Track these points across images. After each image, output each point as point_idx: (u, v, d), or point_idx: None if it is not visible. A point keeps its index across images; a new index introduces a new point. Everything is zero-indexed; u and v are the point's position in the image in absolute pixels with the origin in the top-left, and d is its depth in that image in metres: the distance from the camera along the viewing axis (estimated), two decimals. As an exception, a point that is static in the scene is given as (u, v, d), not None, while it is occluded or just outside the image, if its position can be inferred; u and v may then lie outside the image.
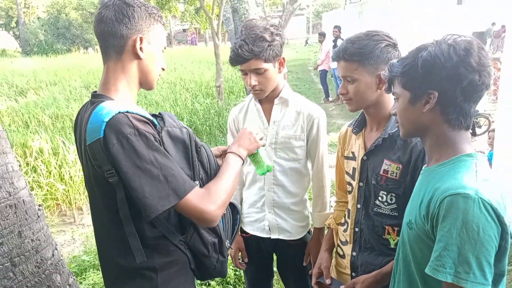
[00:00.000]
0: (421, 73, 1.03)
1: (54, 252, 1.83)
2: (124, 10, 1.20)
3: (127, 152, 1.09)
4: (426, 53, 1.02)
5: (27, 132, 6.47)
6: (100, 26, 1.22)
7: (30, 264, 1.66)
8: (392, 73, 1.11)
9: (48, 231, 1.85)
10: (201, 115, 7.93)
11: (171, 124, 1.26)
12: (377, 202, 1.49)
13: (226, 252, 1.38)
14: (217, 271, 1.38)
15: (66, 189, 5.03)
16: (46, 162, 5.27)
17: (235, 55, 1.67)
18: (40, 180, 5.01)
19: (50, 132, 6.30)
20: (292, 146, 1.83)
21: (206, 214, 1.16)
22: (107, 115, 1.11)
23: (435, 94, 1.02)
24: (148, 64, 1.27)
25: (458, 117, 1.04)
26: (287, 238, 1.93)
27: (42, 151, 5.42)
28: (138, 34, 1.22)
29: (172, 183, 1.12)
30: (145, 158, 1.10)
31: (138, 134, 1.11)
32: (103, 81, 1.26)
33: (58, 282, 1.77)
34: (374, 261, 1.51)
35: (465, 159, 1.04)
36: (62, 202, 5.05)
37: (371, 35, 1.41)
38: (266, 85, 1.74)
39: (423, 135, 1.13)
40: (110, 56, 1.24)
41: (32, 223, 1.72)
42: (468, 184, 0.95)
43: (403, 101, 1.10)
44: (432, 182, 1.06)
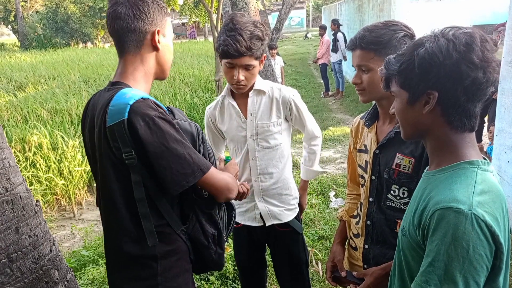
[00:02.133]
0: (418, 72, 0.94)
1: (52, 247, 1.82)
2: (140, 6, 1.27)
3: (154, 133, 1.17)
4: (423, 50, 0.93)
5: (26, 127, 6.44)
6: (118, 22, 1.27)
7: (27, 260, 1.65)
8: (388, 71, 1.02)
9: (45, 226, 1.84)
10: (200, 109, 7.91)
11: (181, 118, 1.34)
12: (389, 196, 1.48)
13: (224, 245, 1.42)
14: (214, 263, 1.43)
15: (65, 184, 5.03)
16: (45, 157, 5.26)
17: (231, 49, 1.68)
18: (39, 175, 5.01)
19: (49, 126, 6.27)
20: (271, 133, 1.90)
21: (229, 184, 1.33)
22: (131, 98, 1.18)
23: (435, 94, 0.94)
24: (165, 55, 1.36)
25: (461, 118, 0.96)
26: (277, 222, 1.98)
27: (41, 146, 5.41)
28: (155, 28, 1.30)
29: (196, 160, 1.23)
30: (171, 138, 1.19)
31: (162, 117, 1.19)
32: (121, 71, 1.32)
33: (56, 278, 1.76)
34: (386, 254, 1.51)
35: (465, 167, 0.96)
36: (62, 197, 5.04)
37: (389, 24, 1.40)
38: (251, 81, 1.82)
39: (424, 137, 1.05)
40: (128, 50, 1.30)
41: (29, 219, 1.71)
42: (463, 198, 0.88)
43: (401, 101, 1.02)
44: (428, 189, 0.99)
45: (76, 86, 10.74)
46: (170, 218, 1.29)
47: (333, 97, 10.01)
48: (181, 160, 1.20)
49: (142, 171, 1.22)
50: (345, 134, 6.80)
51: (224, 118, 1.96)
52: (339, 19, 10.39)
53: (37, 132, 5.73)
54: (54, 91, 9.81)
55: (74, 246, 4.04)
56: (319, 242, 3.46)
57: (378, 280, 1.46)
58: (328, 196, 4.47)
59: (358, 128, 1.66)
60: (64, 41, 27.36)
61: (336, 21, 10.02)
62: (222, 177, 1.32)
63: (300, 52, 20.27)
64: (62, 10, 27.20)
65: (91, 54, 18.69)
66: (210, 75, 11.29)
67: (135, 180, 1.22)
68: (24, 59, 17.71)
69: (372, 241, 1.57)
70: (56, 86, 10.85)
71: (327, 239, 3.50)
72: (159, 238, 1.27)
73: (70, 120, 7.24)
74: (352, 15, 11.88)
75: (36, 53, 21.03)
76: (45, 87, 11.01)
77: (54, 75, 13.03)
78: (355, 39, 1.42)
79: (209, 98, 8.71)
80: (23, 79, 12.39)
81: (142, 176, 1.22)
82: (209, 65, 13.41)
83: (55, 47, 24.65)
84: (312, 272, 3.05)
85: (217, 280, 2.83)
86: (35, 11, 31.20)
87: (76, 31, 27.66)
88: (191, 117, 7.50)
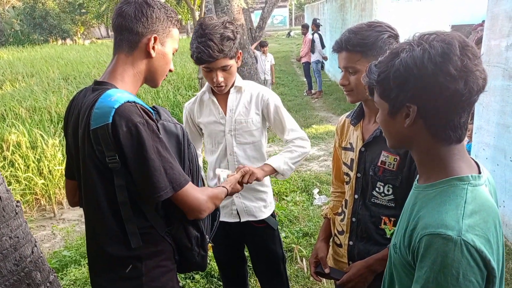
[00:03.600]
0: (394, 85, 0.89)
1: (34, 249, 1.78)
2: (144, 9, 1.27)
3: (134, 140, 1.15)
4: (398, 61, 0.88)
5: (3, 125, 6.26)
6: (119, 19, 1.27)
7: (8, 262, 1.61)
8: (369, 79, 0.97)
9: (27, 227, 1.79)
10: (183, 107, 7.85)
11: (166, 119, 1.32)
12: (374, 193, 1.51)
13: (206, 247, 1.44)
14: (197, 264, 1.44)
15: (45, 183, 4.92)
16: (24, 156, 5.13)
17: (204, 55, 1.71)
18: (18, 174, 4.88)
19: (27, 125, 6.11)
20: (249, 129, 1.93)
21: (199, 204, 1.28)
22: (116, 102, 1.16)
23: (414, 108, 0.88)
24: (158, 64, 1.33)
25: (446, 131, 0.89)
26: (254, 219, 2.01)
27: (20, 144, 5.27)
28: (153, 34, 1.28)
29: (170, 176, 1.19)
30: (150, 149, 1.16)
31: (146, 125, 1.17)
32: (111, 70, 1.30)
33: (38, 280, 1.73)
34: (370, 250, 1.53)
35: (455, 184, 0.89)
36: (41, 196, 4.93)
37: (374, 26, 1.42)
38: (230, 80, 1.85)
39: (410, 148, 0.99)
40: (123, 49, 1.29)
41: (9, 220, 1.67)
42: (451, 222, 0.82)
43: (383, 112, 0.98)
44: (418, 206, 0.95)
45: (55, 83, 10.50)
46: (155, 221, 1.29)
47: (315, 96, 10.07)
48: (156, 173, 1.17)
49: (125, 175, 1.20)
50: (328, 132, 6.86)
51: (203, 114, 1.99)
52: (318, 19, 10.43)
53: (15, 131, 5.58)
54: (33, 88, 9.57)
55: (55, 246, 3.96)
56: (303, 239, 3.49)
57: (360, 272, 1.49)
58: (312, 194, 4.51)
59: (344, 127, 1.69)
60: (42, 37, 26.74)
61: (315, 21, 10.08)
62: (196, 196, 1.27)
63: (283, 51, 20.32)
64: (40, 5, 26.58)
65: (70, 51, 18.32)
66: (193, 73, 11.22)
67: (118, 184, 1.21)
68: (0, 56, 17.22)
69: (356, 238, 1.59)
70: (35, 84, 10.59)
71: (311, 236, 3.53)
72: (144, 240, 1.27)
73: (50, 118, 7.07)
74: (334, 14, 11.98)
75: (13, 50, 20.50)
76: (23, 85, 10.73)
77: (32, 72, 12.72)
78: (340, 42, 1.42)
79: (192, 96, 8.65)
80: (0, 76, 12.05)
81: (125, 180, 1.21)
82: (191, 63, 13.30)
83: (33, 44, 24.08)
84: (296, 268, 3.08)
85: (202, 279, 2.83)
86: (11, 6, 30.34)
87: (55, 28, 27.07)
88: (174, 115, 7.42)
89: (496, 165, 3.40)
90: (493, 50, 3.33)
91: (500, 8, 3.22)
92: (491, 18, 3.35)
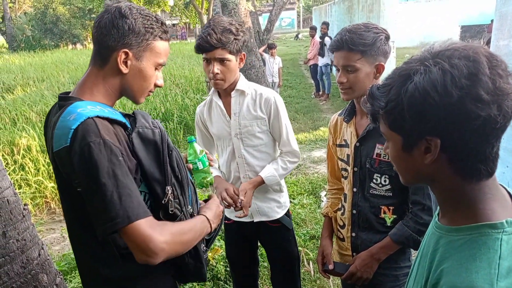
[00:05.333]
0: (409, 115, 0.73)
1: (41, 251, 1.80)
2: (116, 20, 1.14)
3: (86, 163, 1.02)
4: (412, 87, 0.71)
5: (14, 129, 6.36)
6: (94, 30, 1.18)
7: (15, 265, 1.63)
8: (373, 106, 0.80)
9: (34, 230, 1.82)
10: (191, 110, 7.88)
11: (143, 125, 1.19)
12: (372, 185, 1.58)
13: (203, 258, 1.32)
14: (195, 276, 1.35)
15: (55, 186, 4.98)
16: (35, 160, 5.20)
17: (203, 41, 1.75)
18: (28, 177, 4.95)
19: (38, 129, 6.19)
20: (255, 132, 1.93)
21: (151, 243, 1.03)
22: (75, 121, 1.05)
23: (436, 141, 0.72)
24: (132, 81, 1.20)
25: (475, 165, 0.74)
26: (267, 219, 2.02)
27: (30, 148, 5.34)
28: (124, 48, 1.15)
29: (125, 204, 1.02)
30: (103, 172, 1.02)
31: (103, 144, 1.04)
32: (81, 83, 1.20)
33: (45, 282, 1.75)
34: (373, 239, 1.60)
35: (486, 232, 0.72)
36: (51, 200, 4.99)
37: (371, 27, 1.47)
38: (227, 76, 1.83)
39: (430, 185, 0.84)
40: (96, 62, 1.19)
41: (17, 223, 1.69)
42: (484, 286, 0.67)
43: (395, 146, 0.81)
44: (440, 254, 0.78)
45: (65, 88, 10.63)
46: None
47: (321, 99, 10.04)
48: (106, 199, 1.01)
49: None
50: (336, 134, 6.82)
51: (212, 117, 2.01)
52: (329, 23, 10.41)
53: (25, 135, 5.66)
54: (43, 93, 9.70)
55: (64, 249, 4.00)
56: (310, 242, 3.47)
57: (365, 261, 1.57)
58: (319, 196, 4.48)
59: (337, 125, 1.75)
60: (53, 42, 27.11)
61: (326, 24, 10.06)
62: (149, 235, 1.03)
63: (291, 53, 20.31)
64: (51, 11, 26.95)
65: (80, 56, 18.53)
66: (201, 76, 11.26)
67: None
68: (12, 61, 17.50)
69: (359, 229, 1.65)
70: (45, 88, 10.73)
71: (318, 238, 3.51)
72: (131, 260, 1.10)
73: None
74: (342, 16, 11.95)
75: (25, 55, 20.78)
76: (34, 89, 10.89)
77: (43, 77, 12.89)
78: (341, 41, 1.46)
79: (199, 99, 8.69)
80: (12, 81, 12.23)
81: None
82: (199, 66, 13.37)
83: (44, 49, 24.41)
84: (303, 271, 3.06)
85: (208, 281, 2.83)
86: (23, 12, 30.85)
87: (65, 33, 27.42)
88: (182, 119, 7.48)
89: (506, 167, 3.35)
90: (501, 51, 3.29)
91: (509, 8, 3.18)
92: (500, 18, 3.32)
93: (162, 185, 1.19)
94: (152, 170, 1.17)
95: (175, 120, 7.32)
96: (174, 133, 7.07)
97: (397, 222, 1.55)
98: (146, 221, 1.05)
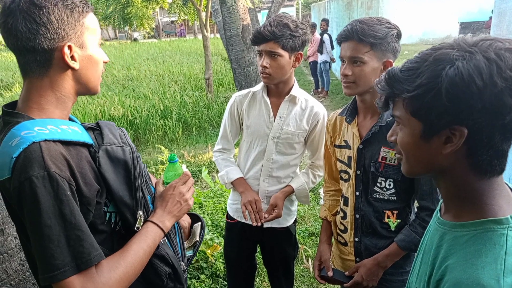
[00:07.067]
0: (445, 101, 0.69)
1: (39, 249, 1.80)
2: (36, 16, 0.92)
3: (27, 200, 0.87)
4: (453, 72, 0.68)
5: (12, 127, 6.35)
6: (11, 40, 0.95)
7: (13, 262, 1.63)
8: (394, 89, 0.76)
9: (32, 228, 1.81)
10: (190, 108, 7.87)
11: (111, 141, 1.06)
12: (376, 189, 1.52)
13: (182, 278, 1.21)
14: None
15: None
16: (33, 157, 5.19)
17: (257, 33, 1.72)
18: (26, 175, 4.94)
19: (36, 126, 6.18)
20: (292, 142, 1.89)
21: None
22: (17, 148, 0.89)
23: (463, 131, 0.70)
24: (86, 71, 1.03)
25: (492, 161, 0.73)
26: (277, 226, 1.99)
27: (28, 146, 5.33)
28: (64, 42, 0.96)
29: (74, 249, 0.89)
30: (47, 212, 0.87)
31: (48, 178, 0.88)
32: (23, 98, 1.00)
33: (44, 279, 1.75)
34: (377, 244, 1.55)
35: (491, 228, 0.72)
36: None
37: (383, 21, 1.41)
38: (276, 72, 1.76)
39: (436, 178, 0.82)
40: (33, 72, 0.98)
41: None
42: (490, 282, 0.66)
43: (411, 133, 0.77)
44: (445, 249, 0.77)
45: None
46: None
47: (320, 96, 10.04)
48: (52, 244, 0.87)
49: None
50: (334, 131, 6.82)
51: (251, 110, 1.94)
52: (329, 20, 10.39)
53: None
54: (42, 90, 9.66)
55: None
56: (309, 239, 3.48)
57: (371, 270, 1.50)
58: (318, 193, 4.49)
59: (336, 125, 1.68)
60: (51, 39, 26.98)
61: (326, 21, 10.04)
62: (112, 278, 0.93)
63: (290, 50, 20.26)
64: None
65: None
66: (200, 73, 11.25)
67: None
68: (10, 58, 17.42)
69: (362, 234, 1.59)
70: (44, 85, 10.69)
71: (317, 235, 3.52)
72: None
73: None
74: (341, 13, 11.93)
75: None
76: (32, 87, 10.85)
77: (41, 74, 12.84)
78: (351, 30, 1.39)
79: (198, 96, 8.68)
80: (10, 78, 12.20)
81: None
82: (198, 63, 13.35)
83: (42, 46, 24.28)
84: (302, 268, 3.07)
85: (207, 279, 2.83)
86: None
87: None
88: (181, 116, 7.47)
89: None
90: (500, 47, 3.29)
91: (508, 4, 3.18)
92: (499, 15, 3.31)
93: (132, 210, 1.07)
94: (121, 194, 1.04)
95: (174, 117, 7.30)
96: (173, 131, 7.06)
97: (401, 226, 1.51)
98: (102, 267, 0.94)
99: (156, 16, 30.99)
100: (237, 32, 6.53)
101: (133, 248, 1.03)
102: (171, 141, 6.89)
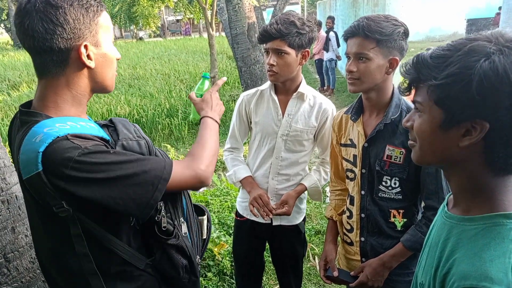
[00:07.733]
0: (474, 94, 0.68)
1: (49, 247, 1.82)
2: (53, 16, 0.94)
3: (86, 173, 0.92)
4: (488, 65, 0.67)
5: (20, 126, 6.39)
6: (28, 40, 0.96)
7: (24, 260, 1.65)
8: (421, 75, 0.75)
9: (42, 226, 1.83)
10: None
11: (127, 137, 1.09)
12: (381, 187, 1.51)
13: (197, 271, 1.25)
14: None
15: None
16: (41, 156, 5.22)
17: (263, 31, 1.73)
18: (35, 174, 4.98)
19: (44, 125, 6.22)
20: (301, 139, 1.89)
21: (198, 176, 1.10)
22: (42, 143, 0.91)
23: (485, 126, 0.70)
24: (102, 70, 1.06)
25: (507, 160, 0.72)
26: (286, 223, 1.99)
27: (36, 145, 5.37)
28: (80, 41, 0.98)
29: (152, 173, 1.00)
30: (111, 166, 0.95)
31: (88, 152, 0.93)
32: (39, 96, 1.03)
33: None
34: (384, 244, 1.54)
35: (501, 222, 0.72)
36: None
37: (390, 18, 1.40)
38: (283, 69, 1.77)
39: (449, 170, 0.81)
40: (49, 72, 1.00)
41: (25, 219, 1.70)
42: (498, 275, 0.65)
43: (431, 121, 0.76)
44: (452, 243, 0.77)
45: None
46: (130, 256, 1.09)
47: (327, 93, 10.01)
48: (134, 181, 0.97)
49: (81, 220, 0.99)
50: (341, 129, 6.79)
51: (259, 109, 1.94)
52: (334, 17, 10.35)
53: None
54: (49, 89, 9.72)
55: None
56: (315, 237, 3.48)
57: (377, 270, 1.50)
58: (324, 191, 4.48)
59: (341, 123, 1.67)
60: (57, 39, 27.12)
61: (332, 18, 10.00)
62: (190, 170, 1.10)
63: (295, 48, 20.20)
64: (55, 7, 26.94)
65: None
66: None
67: (75, 233, 0.99)
68: (17, 58, 17.57)
69: (368, 233, 1.59)
70: (51, 85, 10.76)
71: (324, 234, 3.50)
72: (119, 279, 1.08)
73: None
74: (346, 10, 11.87)
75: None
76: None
77: (48, 73, 12.92)
78: (357, 26, 1.39)
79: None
80: (17, 78, 12.30)
81: (82, 225, 0.99)
82: (204, 62, 13.37)
83: (48, 45, 24.42)
84: (309, 266, 3.07)
85: (214, 276, 2.84)
86: (28, 9, 30.86)
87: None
88: (187, 114, 7.49)
89: None
90: (509, 44, 3.27)
91: (516, 0, 3.15)
92: (507, 11, 3.29)
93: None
94: None
95: (180, 116, 7.32)
96: (179, 129, 7.08)
97: (407, 226, 1.50)
98: (177, 166, 1.07)
99: (161, 15, 31.06)
100: (243, 30, 6.53)
101: (205, 137, 1.22)
102: (177, 139, 6.92)
